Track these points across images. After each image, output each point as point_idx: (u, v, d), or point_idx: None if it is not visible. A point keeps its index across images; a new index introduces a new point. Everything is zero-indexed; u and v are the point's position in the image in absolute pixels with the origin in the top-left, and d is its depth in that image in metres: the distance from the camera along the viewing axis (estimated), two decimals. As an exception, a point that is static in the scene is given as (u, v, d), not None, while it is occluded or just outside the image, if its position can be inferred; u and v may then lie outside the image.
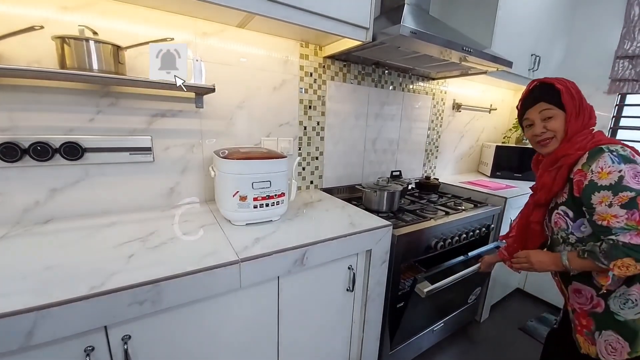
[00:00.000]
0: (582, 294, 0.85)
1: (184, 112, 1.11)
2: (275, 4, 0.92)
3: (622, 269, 0.70)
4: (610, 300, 0.79)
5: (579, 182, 0.77)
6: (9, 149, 0.86)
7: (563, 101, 0.82)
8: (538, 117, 0.86)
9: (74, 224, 0.94)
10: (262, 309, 0.89)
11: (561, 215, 0.84)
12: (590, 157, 0.75)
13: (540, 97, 0.85)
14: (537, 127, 0.86)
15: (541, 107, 0.85)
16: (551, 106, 0.83)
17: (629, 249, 0.68)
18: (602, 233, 0.74)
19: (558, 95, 0.82)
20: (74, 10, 0.88)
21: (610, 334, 0.79)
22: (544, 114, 0.84)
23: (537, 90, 0.87)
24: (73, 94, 0.93)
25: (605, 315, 0.80)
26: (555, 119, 0.83)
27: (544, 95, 0.85)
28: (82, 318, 0.60)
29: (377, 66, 1.60)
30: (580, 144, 0.79)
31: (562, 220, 0.84)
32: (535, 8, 1.77)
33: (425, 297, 1.13)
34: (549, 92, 0.84)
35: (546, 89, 0.85)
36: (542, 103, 0.85)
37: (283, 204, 1.03)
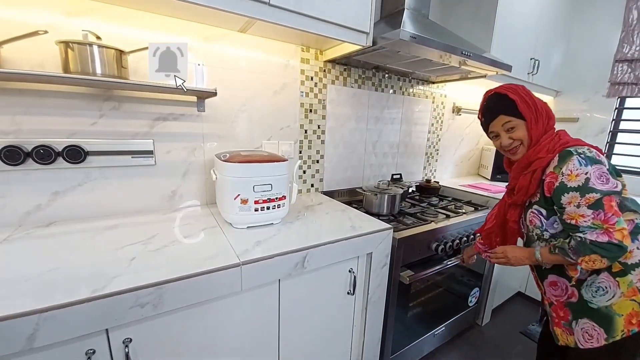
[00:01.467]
0: (557, 286, 0.90)
1: (185, 116, 1.12)
2: (276, 9, 0.93)
3: (589, 264, 0.76)
4: (582, 289, 0.83)
5: (550, 183, 0.81)
6: (12, 152, 0.86)
7: (520, 110, 0.86)
8: (502, 129, 0.90)
9: (75, 226, 0.94)
10: (263, 312, 0.89)
11: (535, 214, 0.89)
12: (561, 160, 0.79)
13: (498, 110, 0.90)
14: (504, 139, 0.91)
15: (502, 120, 0.90)
16: (511, 118, 0.88)
17: (595, 246, 0.74)
18: (571, 230, 0.79)
19: (514, 105, 0.86)
20: (77, 15, 0.89)
21: (586, 322, 0.83)
22: (506, 126, 0.89)
23: (494, 103, 0.91)
24: (76, 98, 0.94)
25: (580, 304, 0.84)
26: (518, 128, 0.88)
27: (501, 108, 0.89)
28: (84, 321, 0.60)
29: (377, 70, 1.61)
30: (549, 147, 0.83)
31: (537, 219, 0.89)
32: (534, 12, 1.79)
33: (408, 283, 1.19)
34: (505, 104, 0.88)
35: (501, 101, 0.89)
36: (502, 116, 0.89)
37: (284, 207, 1.04)
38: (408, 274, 1.19)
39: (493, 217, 1.08)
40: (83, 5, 0.89)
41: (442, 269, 1.29)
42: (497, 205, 1.08)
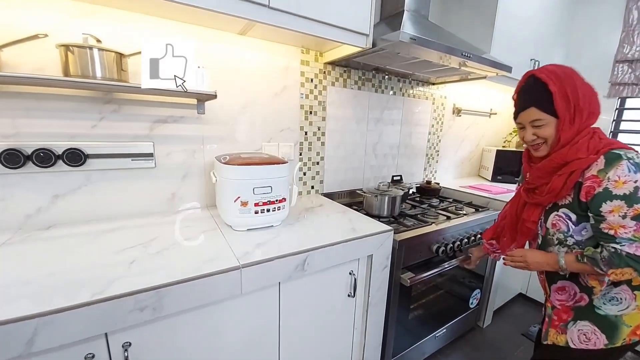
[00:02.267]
0: (565, 291, 0.86)
1: (185, 118, 1.12)
2: (276, 12, 0.93)
3: (619, 276, 0.72)
4: (594, 296, 0.81)
5: (590, 188, 0.73)
6: (12, 155, 0.86)
7: (556, 107, 0.75)
8: (529, 124, 0.81)
9: (75, 229, 0.94)
10: (263, 315, 0.88)
11: (562, 217, 0.81)
12: (608, 164, 0.71)
13: (531, 102, 0.79)
14: (528, 133, 0.82)
15: (532, 115, 0.79)
16: (542, 115, 0.78)
17: (631, 259, 0.69)
18: (604, 240, 0.73)
19: (550, 99, 0.75)
20: (77, 17, 0.90)
21: (587, 325, 0.81)
22: (535, 122, 0.80)
23: (529, 91, 0.80)
24: (76, 101, 0.94)
25: (587, 308, 0.82)
26: (547, 126, 0.78)
27: (534, 101, 0.78)
28: (83, 325, 0.60)
29: (377, 72, 1.61)
30: (589, 147, 0.75)
31: (563, 223, 0.81)
32: (533, 13, 1.79)
33: (409, 285, 1.18)
34: (541, 95, 0.77)
35: (538, 90, 0.77)
36: (533, 110, 0.79)
37: (284, 209, 1.03)
38: (409, 276, 1.18)
39: (505, 216, 1.02)
40: (83, 8, 0.90)
41: (443, 271, 1.28)
42: (510, 202, 1.02)
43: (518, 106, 0.84)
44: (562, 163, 0.78)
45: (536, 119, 0.79)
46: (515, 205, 0.97)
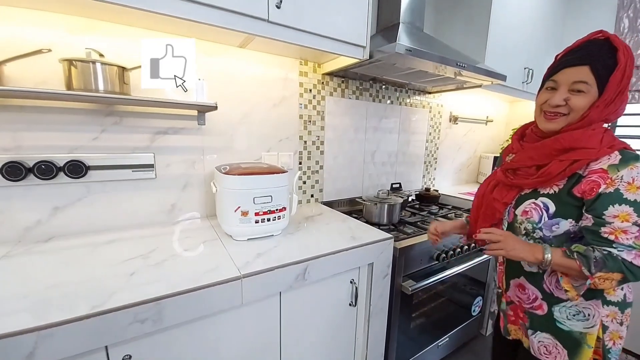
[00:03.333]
0: (525, 292, 0.80)
1: (186, 129, 1.13)
2: (275, 26, 0.95)
3: (602, 281, 0.65)
4: (555, 307, 0.74)
5: (595, 184, 0.64)
6: (13, 168, 0.87)
7: (610, 79, 0.64)
8: (567, 85, 0.68)
9: (75, 241, 0.94)
10: (264, 326, 0.88)
11: (538, 207, 0.72)
12: (623, 161, 0.63)
13: (589, 59, 0.65)
14: (558, 95, 0.69)
15: (580, 74, 0.66)
16: (591, 80, 0.65)
17: (625, 266, 0.63)
18: (598, 243, 0.66)
19: (611, 67, 0.64)
20: (80, 32, 0.91)
21: (548, 337, 0.77)
22: (578, 86, 0.66)
23: (592, 48, 0.66)
24: (78, 114, 0.95)
25: (546, 319, 0.76)
26: (585, 96, 0.66)
27: (594, 60, 0.65)
28: (83, 338, 0.59)
29: (374, 81, 1.64)
30: (604, 140, 0.66)
31: (537, 213, 0.72)
32: (526, 23, 1.84)
33: (410, 293, 1.17)
34: (604, 59, 0.65)
35: (603, 53, 0.65)
36: (586, 69, 0.65)
37: (284, 219, 1.04)
38: (410, 284, 1.18)
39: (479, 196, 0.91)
40: (86, 23, 0.92)
41: (445, 278, 1.28)
42: (485, 182, 0.91)
43: (564, 62, 0.70)
44: (567, 147, 0.68)
45: (583, 80, 0.66)
46: (485, 185, 0.88)
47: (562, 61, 0.70)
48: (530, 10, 1.84)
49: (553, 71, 0.72)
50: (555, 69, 0.71)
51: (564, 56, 0.72)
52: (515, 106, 2.52)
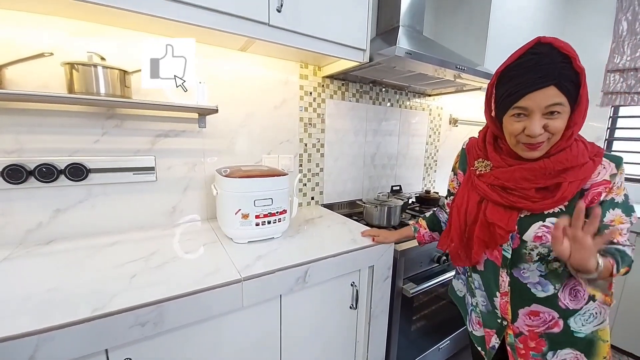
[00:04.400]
0: (539, 317, 0.72)
1: (187, 132, 1.13)
2: (276, 29, 0.96)
3: (616, 278, 0.64)
4: (570, 319, 0.71)
5: (598, 194, 0.64)
6: (14, 171, 0.87)
7: (581, 92, 0.60)
8: (540, 111, 0.60)
9: (76, 244, 0.94)
10: (265, 329, 0.87)
11: (551, 229, 0.64)
12: (617, 167, 0.65)
13: (551, 78, 0.58)
14: (536, 124, 0.61)
15: (549, 96, 0.59)
16: (564, 98, 0.59)
17: (631, 261, 0.64)
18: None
19: (577, 80, 0.59)
20: (81, 35, 0.92)
21: (569, 352, 0.72)
22: (553, 108, 0.60)
23: (547, 63, 0.58)
24: (79, 117, 0.96)
25: (563, 334, 0.71)
26: (562, 117, 0.61)
27: (556, 77, 0.58)
28: (84, 341, 0.59)
29: (374, 84, 1.65)
30: (589, 149, 0.66)
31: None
32: (525, 25, 1.84)
33: (411, 296, 1.16)
34: (566, 73, 0.58)
35: (561, 66, 0.58)
36: (552, 90, 0.58)
37: (285, 221, 1.04)
38: (411, 286, 1.18)
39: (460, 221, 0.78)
40: (87, 27, 0.92)
41: (445, 281, 1.28)
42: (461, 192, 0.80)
43: (524, 85, 0.60)
44: (567, 167, 0.65)
45: (557, 102, 0.59)
46: (465, 199, 0.77)
47: (520, 83, 0.61)
48: (529, 13, 1.85)
49: (515, 96, 0.62)
50: (518, 94, 0.62)
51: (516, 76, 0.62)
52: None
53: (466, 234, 0.77)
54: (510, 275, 0.73)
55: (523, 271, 0.72)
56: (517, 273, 0.73)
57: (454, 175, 0.92)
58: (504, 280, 0.75)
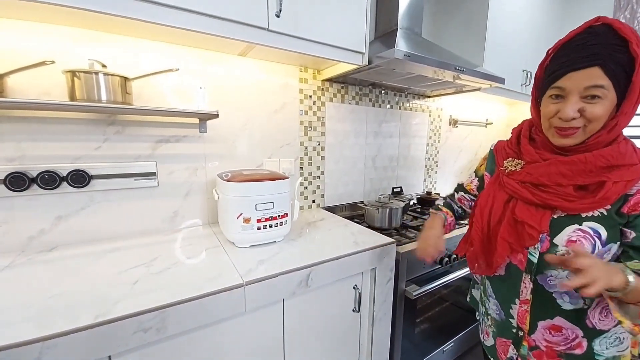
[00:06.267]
0: (561, 333, 0.66)
1: (188, 137, 1.14)
2: (275, 34, 0.96)
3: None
4: (596, 340, 0.64)
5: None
6: (17, 179, 0.88)
7: (635, 77, 0.53)
8: (578, 93, 0.55)
9: (78, 250, 0.94)
10: (267, 333, 0.87)
11: (588, 234, 0.59)
12: None
13: (597, 58, 0.53)
14: (570, 106, 0.56)
15: (592, 77, 0.53)
16: (608, 81, 0.53)
17: None
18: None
19: (625, 64, 0.53)
20: (83, 43, 0.93)
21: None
22: (592, 91, 0.54)
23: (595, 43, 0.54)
24: (81, 124, 0.96)
25: (586, 356, 0.65)
26: (602, 103, 0.55)
27: (603, 58, 0.53)
28: (87, 348, 0.59)
29: (374, 87, 1.65)
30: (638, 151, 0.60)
31: (588, 242, 0.59)
32: (523, 26, 1.85)
33: (414, 298, 1.15)
34: (616, 54, 0.53)
35: (611, 47, 0.53)
36: (596, 71, 0.53)
37: (286, 225, 1.04)
38: (413, 288, 1.17)
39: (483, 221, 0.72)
40: (88, 35, 0.93)
41: (448, 282, 1.27)
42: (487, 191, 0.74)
43: (567, 63, 0.56)
44: (613, 164, 0.57)
45: (598, 85, 0.53)
46: (491, 197, 0.71)
47: (563, 62, 0.57)
48: (527, 12, 1.86)
49: (554, 75, 0.58)
50: (557, 73, 0.58)
51: (562, 55, 0.58)
52: (515, 108, 2.53)
53: (488, 236, 0.70)
54: (534, 282, 0.66)
55: (550, 278, 0.64)
56: (542, 280, 0.65)
57: (475, 176, 0.89)
58: (526, 287, 0.68)
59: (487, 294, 0.81)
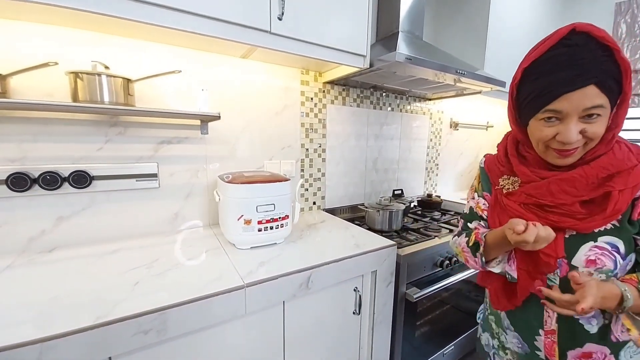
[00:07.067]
0: (592, 358, 0.61)
1: (189, 139, 1.14)
2: (277, 37, 0.97)
3: None
4: (622, 352, 0.61)
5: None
6: (18, 179, 0.88)
7: (624, 87, 0.52)
8: (576, 114, 0.53)
9: (79, 251, 0.94)
10: (268, 335, 0.87)
11: (606, 250, 0.56)
12: None
13: (590, 76, 0.50)
14: (572, 131, 0.53)
15: (588, 98, 0.51)
16: (605, 99, 0.51)
17: None
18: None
19: (615, 74, 0.51)
20: (86, 45, 0.93)
21: None
22: (591, 111, 0.52)
23: (584, 58, 0.50)
24: (83, 125, 0.96)
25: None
26: (603, 121, 0.53)
27: (596, 75, 0.50)
28: (87, 349, 0.59)
29: (375, 89, 1.66)
30: (633, 150, 0.59)
31: (609, 259, 0.56)
32: (524, 29, 1.86)
33: (415, 301, 1.13)
34: (608, 69, 0.50)
35: (602, 61, 0.50)
36: (592, 90, 0.50)
37: (287, 227, 1.04)
38: (414, 291, 1.17)
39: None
40: (91, 36, 0.94)
41: (449, 285, 1.27)
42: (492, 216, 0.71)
43: (559, 83, 0.52)
44: (613, 173, 0.56)
45: (597, 105, 0.51)
46: (497, 225, 0.67)
47: (552, 82, 0.53)
48: (527, 16, 1.87)
49: (547, 97, 0.54)
50: (550, 95, 0.53)
51: (545, 72, 0.54)
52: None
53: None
54: None
55: None
56: None
57: (478, 196, 0.80)
58: (550, 316, 0.63)
59: (504, 326, 0.74)
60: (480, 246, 0.69)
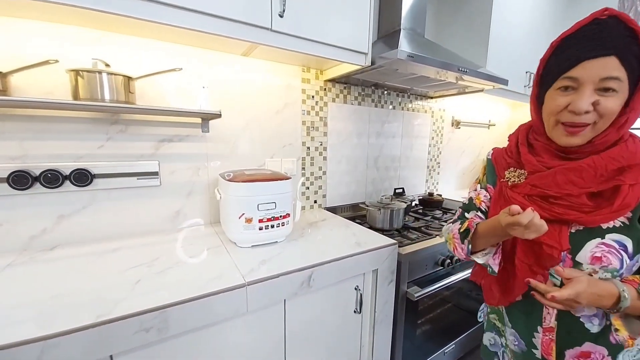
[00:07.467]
0: (590, 358, 0.61)
1: (190, 137, 1.14)
2: (278, 34, 0.96)
3: None
4: (619, 356, 0.60)
5: None
6: (20, 177, 0.88)
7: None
8: (593, 84, 0.52)
9: (80, 250, 0.94)
10: (269, 334, 0.87)
11: (613, 248, 0.55)
12: None
13: (612, 48, 0.50)
14: (585, 100, 0.52)
15: (608, 68, 0.51)
16: (624, 73, 0.51)
17: None
18: None
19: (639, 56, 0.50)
20: (87, 43, 0.93)
21: None
22: (606, 83, 0.51)
23: (608, 34, 0.51)
24: (84, 123, 0.96)
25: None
26: (617, 97, 0.52)
27: (619, 48, 0.50)
28: (89, 347, 0.59)
29: (376, 87, 1.65)
30: None
31: (615, 257, 0.54)
32: (527, 26, 1.84)
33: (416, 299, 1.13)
34: (631, 46, 0.50)
35: (625, 38, 0.50)
36: (613, 60, 0.50)
37: (288, 225, 1.04)
38: (415, 290, 1.17)
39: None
40: (92, 34, 0.93)
41: (450, 284, 1.26)
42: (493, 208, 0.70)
43: (579, 51, 0.53)
44: (624, 166, 0.54)
45: (615, 76, 0.51)
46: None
47: (574, 51, 0.53)
48: (530, 13, 1.85)
49: (565, 64, 0.54)
50: (569, 62, 0.53)
51: (571, 45, 0.53)
52: (518, 110, 2.52)
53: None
54: None
55: None
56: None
57: (481, 188, 0.78)
58: (549, 313, 0.62)
59: (504, 322, 0.74)
60: (469, 233, 0.68)
